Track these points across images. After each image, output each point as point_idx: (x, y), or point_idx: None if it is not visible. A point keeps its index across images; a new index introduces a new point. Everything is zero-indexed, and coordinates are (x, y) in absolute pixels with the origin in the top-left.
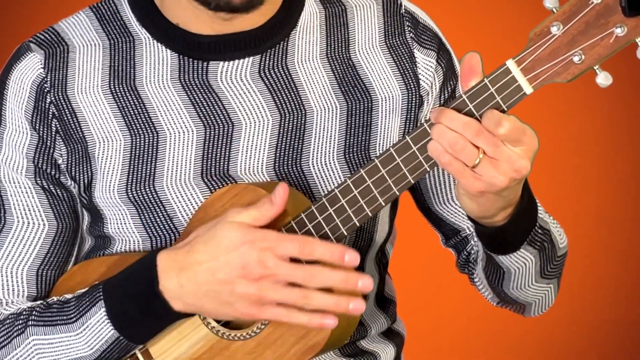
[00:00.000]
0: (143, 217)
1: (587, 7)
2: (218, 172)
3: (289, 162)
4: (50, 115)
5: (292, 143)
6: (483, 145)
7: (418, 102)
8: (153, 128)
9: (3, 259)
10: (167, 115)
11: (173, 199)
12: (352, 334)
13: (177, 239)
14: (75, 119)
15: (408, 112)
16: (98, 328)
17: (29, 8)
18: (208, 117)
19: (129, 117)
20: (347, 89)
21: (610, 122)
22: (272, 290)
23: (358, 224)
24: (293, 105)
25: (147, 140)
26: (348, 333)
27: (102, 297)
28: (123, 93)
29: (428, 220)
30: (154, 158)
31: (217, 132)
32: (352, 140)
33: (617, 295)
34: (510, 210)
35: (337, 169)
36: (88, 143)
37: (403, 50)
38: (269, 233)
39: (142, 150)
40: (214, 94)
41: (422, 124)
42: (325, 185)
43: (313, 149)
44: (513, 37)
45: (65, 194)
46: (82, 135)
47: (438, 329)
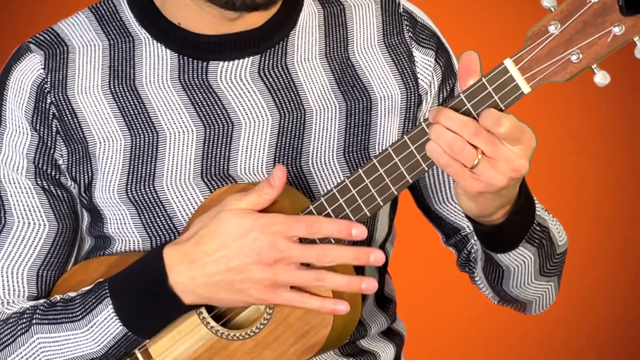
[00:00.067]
0: (143, 217)
1: (584, 6)
2: (218, 171)
3: (289, 161)
4: (51, 116)
5: (291, 142)
6: (481, 145)
7: (417, 101)
8: (153, 128)
9: (3, 260)
10: (167, 115)
11: (173, 199)
12: (351, 334)
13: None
14: (76, 120)
15: (407, 111)
16: (106, 325)
17: (29, 8)
18: (208, 116)
19: (129, 117)
20: (346, 89)
21: (608, 121)
22: (285, 273)
23: None
24: (292, 105)
25: (147, 140)
26: (347, 333)
27: (108, 294)
28: (123, 93)
29: (428, 219)
30: (154, 158)
31: (216, 131)
32: (351, 140)
33: (615, 295)
34: (508, 208)
35: (336, 169)
36: (88, 143)
37: (401, 50)
38: (276, 216)
39: (142, 150)
40: (214, 94)
41: (420, 124)
42: (325, 185)
43: (312, 149)
44: (511, 36)
45: (65, 195)
46: (82, 136)
47: (438, 329)
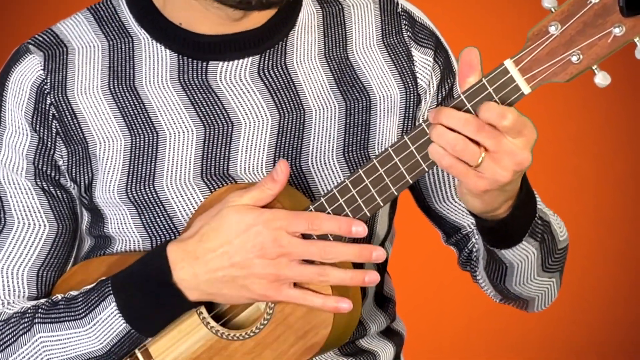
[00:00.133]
0: (143, 217)
1: (585, 6)
2: (218, 171)
3: (289, 161)
4: (51, 117)
5: (291, 142)
6: (485, 140)
7: (416, 100)
8: (153, 128)
9: (3, 260)
10: (166, 115)
11: (173, 199)
12: (350, 335)
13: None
14: (76, 120)
15: (406, 110)
16: (109, 322)
17: (29, 8)
18: (207, 116)
19: (129, 117)
20: (345, 88)
21: (609, 122)
22: (289, 268)
23: None
24: (292, 105)
25: (147, 141)
26: (347, 334)
27: (111, 292)
28: (123, 93)
29: (428, 219)
30: (154, 158)
31: (216, 131)
32: (350, 139)
33: (616, 296)
34: (512, 203)
35: (335, 168)
36: (88, 144)
37: (400, 49)
38: (278, 212)
39: (142, 151)
40: (214, 94)
41: (420, 124)
42: (324, 184)
43: (312, 148)
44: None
45: (65, 195)
46: (82, 136)
47: (437, 328)
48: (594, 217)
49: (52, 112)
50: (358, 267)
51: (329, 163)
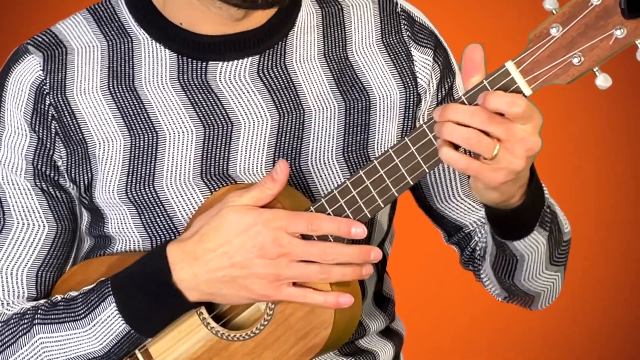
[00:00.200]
0: (143, 217)
1: (586, 8)
2: (217, 171)
3: (288, 161)
4: (50, 117)
5: (290, 142)
6: (496, 129)
7: (416, 100)
8: (152, 128)
9: (3, 261)
10: (166, 116)
11: (173, 199)
12: (351, 336)
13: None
14: (75, 121)
15: (406, 110)
16: (109, 323)
17: (29, 8)
18: (207, 117)
19: (129, 117)
20: (344, 88)
21: (610, 124)
22: (288, 268)
23: None
24: (291, 105)
25: (146, 141)
26: (347, 334)
27: (111, 292)
28: (122, 94)
29: (429, 218)
30: (154, 158)
31: (216, 131)
32: (350, 139)
33: (617, 297)
34: (524, 190)
35: (335, 168)
36: (88, 144)
37: (400, 49)
38: (278, 212)
39: (141, 151)
40: (213, 94)
41: (420, 125)
42: (324, 184)
43: (311, 148)
44: (512, 38)
45: (64, 196)
46: (81, 137)
47: (437, 328)
48: (595, 218)
49: (51, 112)
50: None
51: (329, 163)
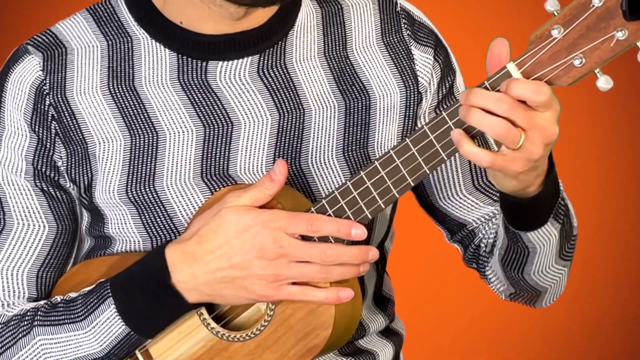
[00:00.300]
0: (143, 217)
1: (588, 10)
2: (218, 171)
3: (288, 160)
4: (50, 118)
5: (290, 142)
6: (519, 118)
7: (417, 99)
8: (152, 128)
9: (3, 261)
10: (166, 115)
11: (173, 199)
12: (351, 336)
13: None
14: (75, 121)
15: (407, 109)
16: (108, 325)
17: (29, 8)
18: (207, 116)
19: (129, 117)
20: (345, 88)
21: (611, 125)
22: (288, 269)
23: None
24: (292, 105)
25: (146, 141)
26: (347, 335)
27: (110, 294)
28: (122, 93)
29: (431, 217)
30: (154, 158)
31: (216, 131)
32: (350, 139)
33: (617, 297)
34: (542, 179)
35: (336, 168)
36: (88, 144)
37: (400, 48)
38: (277, 212)
39: (142, 151)
40: (213, 94)
41: (422, 127)
42: (324, 184)
43: (312, 148)
44: (514, 39)
45: (65, 196)
46: (81, 137)
47: (437, 328)
48: (595, 218)
49: (51, 112)
50: None
51: (329, 162)
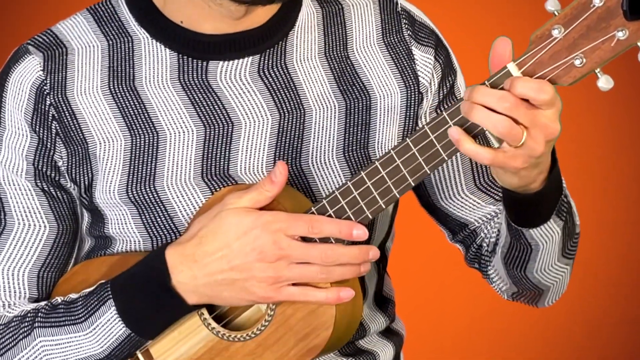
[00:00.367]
0: (144, 217)
1: (588, 10)
2: (218, 171)
3: (288, 160)
4: (50, 118)
5: (291, 142)
6: (521, 116)
7: (417, 99)
8: (153, 128)
9: (4, 261)
10: (167, 115)
11: (173, 199)
12: (351, 337)
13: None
14: (75, 121)
15: (407, 109)
16: (109, 326)
17: (29, 8)
18: (208, 116)
19: (129, 117)
20: (345, 88)
21: (612, 125)
22: (288, 270)
23: None
24: (292, 105)
25: (147, 141)
26: (348, 335)
27: (110, 295)
28: (123, 93)
29: (432, 217)
30: (154, 158)
31: (216, 131)
32: (351, 139)
33: (617, 297)
34: (545, 176)
35: (336, 168)
36: (88, 144)
37: (401, 48)
38: (278, 214)
39: (142, 151)
40: (214, 94)
41: (422, 127)
42: (325, 184)
43: (312, 148)
44: (514, 39)
45: (65, 196)
46: (82, 137)
47: (437, 328)
48: (596, 219)
49: (51, 112)
50: None
51: (329, 162)
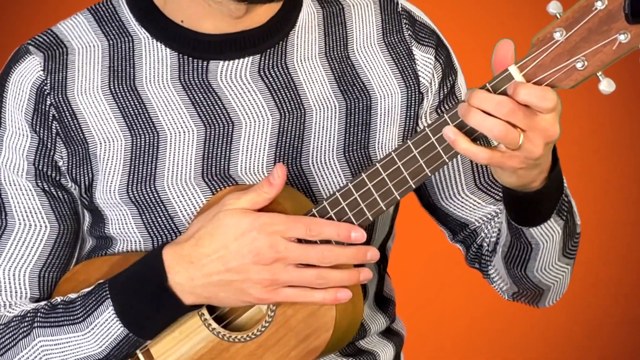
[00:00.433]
0: (144, 217)
1: (590, 13)
2: (218, 171)
3: (288, 160)
4: (51, 118)
5: (291, 142)
6: (519, 121)
7: (418, 99)
8: (153, 128)
9: (5, 262)
10: (167, 115)
11: (174, 199)
12: (352, 338)
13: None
14: (76, 121)
15: (408, 109)
16: (107, 326)
17: (29, 8)
18: (208, 116)
19: (130, 117)
20: (345, 88)
21: (613, 127)
22: (285, 273)
23: None
24: (292, 105)
25: (147, 141)
26: (348, 337)
27: (109, 295)
28: (123, 93)
29: (433, 217)
30: (155, 158)
31: (217, 131)
32: (351, 139)
33: (617, 297)
34: (545, 175)
35: (336, 168)
36: (89, 144)
37: (401, 48)
38: (275, 216)
39: (142, 151)
40: (214, 94)
41: (423, 129)
42: (325, 184)
43: (312, 148)
44: (515, 40)
45: (66, 196)
46: (82, 137)
47: (438, 329)
48: (597, 219)
49: (52, 112)
50: (356, 267)
51: (330, 162)
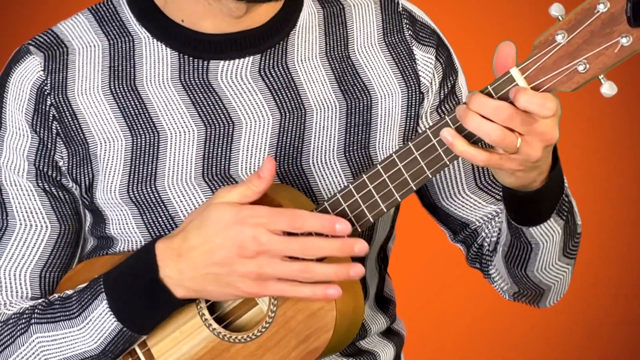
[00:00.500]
0: (145, 217)
1: (592, 16)
2: (218, 171)
3: (289, 161)
4: (51, 118)
5: (292, 142)
6: (517, 126)
7: (418, 99)
8: (154, 128)
9: (6, 262)
10: (167, 115)
11: (174, 199)
12: (352, 339)
13: None
14: (76, 121)
15: (408, 109)
16: (101, 321)
17: (29, 8)
18: (208, 116)
19: (130, 117)
20: (346, 88)
21: (612, 127)
22: (270, 266)
23: (360, 230)
24: (293, 104)
25: (148, 140)
26: (349, 338)
27: (103, 290)
28: (123, 93)
29: (433, 217)
30: (155, 158)
31: (217, 131)
32: (352, 139)
33: (617, 297)
34: (545, 175)
35: (337, 168)
36: (89, 144)
37: (402, 48)
38: (259, 209)
39: (143, 151)
40: (214, 93)
41: (424, 131)
42: (325, 184)
43: (313, 148)
44: (516, 40)
45: (67, 196)
46: (83, 137)
47: (438, 329)
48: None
49: (52, 113)
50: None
51: (330, 162)
